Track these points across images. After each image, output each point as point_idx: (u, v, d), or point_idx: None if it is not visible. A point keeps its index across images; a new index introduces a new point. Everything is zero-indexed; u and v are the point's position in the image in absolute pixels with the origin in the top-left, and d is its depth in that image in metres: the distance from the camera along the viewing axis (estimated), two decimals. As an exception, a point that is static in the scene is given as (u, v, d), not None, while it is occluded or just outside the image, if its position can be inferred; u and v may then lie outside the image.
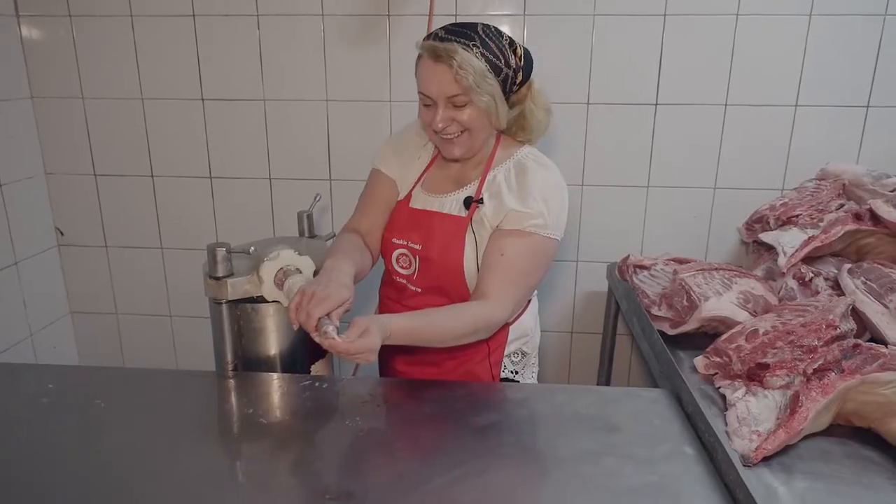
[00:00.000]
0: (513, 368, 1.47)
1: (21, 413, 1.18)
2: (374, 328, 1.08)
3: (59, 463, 1.04)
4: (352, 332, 1.07)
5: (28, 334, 2.20)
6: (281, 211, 2.18)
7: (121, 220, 2.26)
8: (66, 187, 2.24)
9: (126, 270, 2.32)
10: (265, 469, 1.02)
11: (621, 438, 1.12)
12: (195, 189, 2.20)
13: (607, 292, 2.09)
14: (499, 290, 1.26)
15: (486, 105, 1.24)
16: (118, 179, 2.21)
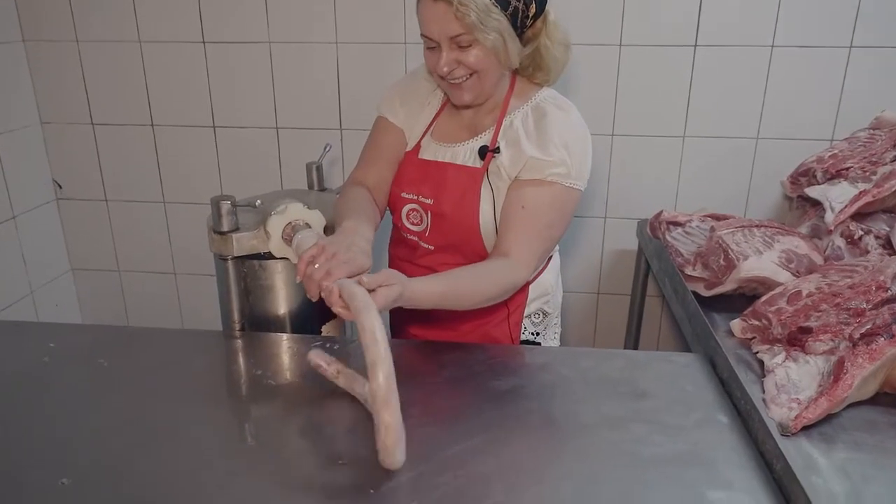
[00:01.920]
0: (534, 330, 1.47)
1: (22, 372, 1.21)
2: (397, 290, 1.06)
3: (61, 424, 1.06)
4: (379, 277, 1.05)
5: (28, 291, 2.24)
6: (288, 162, 2.17)
7: (120, 172, 2.27)
8: (63, 137, 2.24)
9: (127, 226, 2.33)
10: (275, 433, 1.03)
11: (651, 404, 1.12)
12: (198, 139, 2.19)
13: (637, 251, 2.07)
14: (521, 246, 1.25)
15: (494, 43, 1.20)
16: (117, 129, 2.21)
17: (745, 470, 0.97)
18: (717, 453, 1.00)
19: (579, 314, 2.25)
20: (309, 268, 1.08)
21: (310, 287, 1.06)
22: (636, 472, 0.96)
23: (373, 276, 1.06)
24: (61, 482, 0.92)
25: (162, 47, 2.10)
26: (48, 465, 0.96)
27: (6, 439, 1.03)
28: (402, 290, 1.07)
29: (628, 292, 2.18)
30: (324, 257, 1.08)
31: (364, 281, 1.04)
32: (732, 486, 0.94)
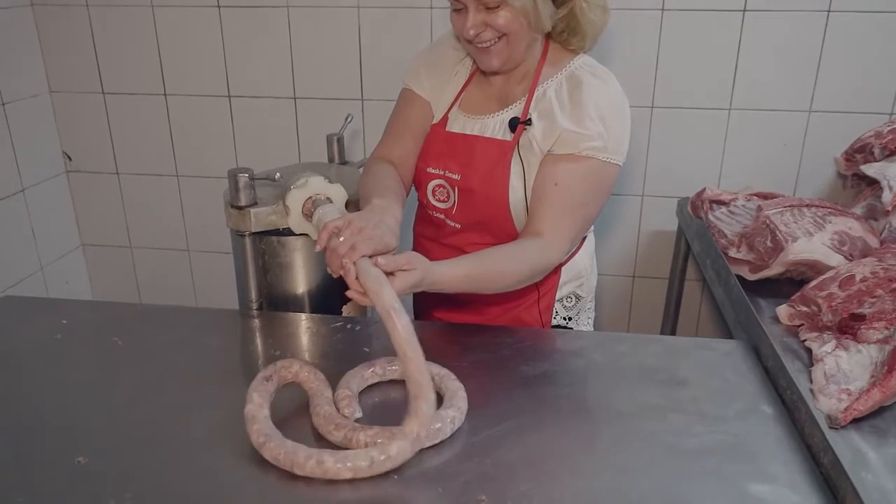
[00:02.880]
0: (565, 314, 1.47)
1: (35, 349, 1.24)
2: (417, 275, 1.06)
3: (76, 403, 1.09)
4: (399, 259, 1.05)
5: (38, 267, 2.29)
6: (307, 134, 2.19)
7: (132, 144, 2.30)
8: (73, 107, 2.27)
9: (139, 200, 2.37)
10: (293, 415, 1.05)
11: (690, 393, 1.12)
12: (212, 109, 2.21)
13: (676, 231, 2.06)
14: (554, 225, 1.25)
15: (523, 4, 1.19)
16: (128, 98, 2.24)
17: (789, 464, 0.97)
18: (759, 446, 1.00)
19: (613, 298, 2.25)
20: (332, 240, 1.08)
21: (332, 261, 1.06)
22: (673, 465, 0.96)
23: (391, 257, 1.06)
24: (77, 461, 0.95)
25: (175, 12, 2.11)
26: (64, 444, 0.99)
27: (21, 417, 1.06)
28: (423, 276, 1.07)
29: (666, 275, 2.17)
30: (349, 231, 1.08)
31: (381, 263, 1.04)
32: (776, 480, 0.94)
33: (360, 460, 0.91)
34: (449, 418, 1.00)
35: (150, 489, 0.90)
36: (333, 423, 0.98)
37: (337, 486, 0.91)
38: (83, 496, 0.89)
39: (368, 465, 0.91)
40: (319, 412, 1.01)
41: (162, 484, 0.92)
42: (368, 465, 0.91)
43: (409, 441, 0.92)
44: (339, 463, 0.91)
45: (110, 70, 2.21)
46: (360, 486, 0.91)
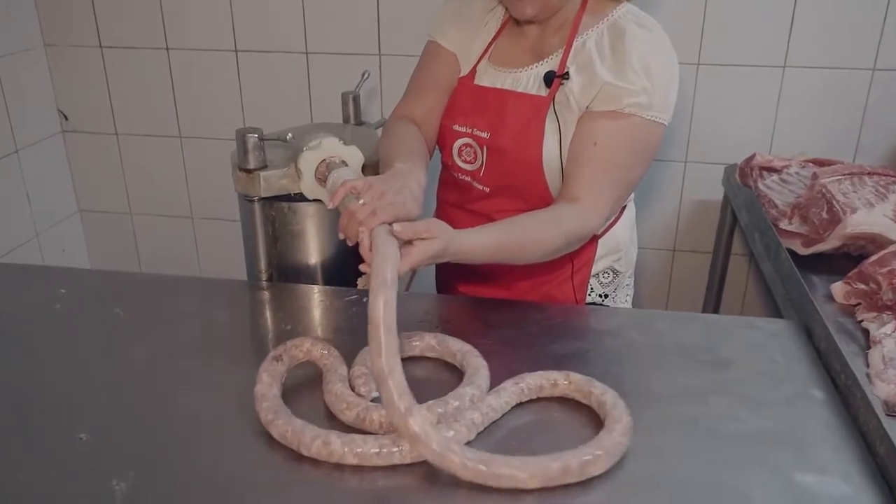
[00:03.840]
0: (601, 291, 1.47)
1: (33, 320, 1.26)
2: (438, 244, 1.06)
3: (77, 376, 1.12)
4: (418, 226, 1.05)
5: (34, 234, 2.32)
6: (320, 92, 2.19)
7: (132, 102, 2.31)
8: (69, 62, 2.29)
9: (139, 163, 2.39)
10: (306, 394, 1.07)
11: (734, 376, 1.12)
12: (217, 65, 2.21)
13: (722, 201, 2.05)
14: (592, 189, 1.24)
15: None
16: (127, 53, 2.25)
17: (841, 452, 0.97)
18: (809, 433, 1.00)
19: (650, 272, 2.24)
20: (350, 202, 1.08)
21: (350, 227, 1.06)
22: (714, 451, 0.96)
23: (409, 224, 1.05)
24: (79, 437, 0.97)
25: (178, -42, 2.11)
26: (65, 420, 1.01)
27: (21, 391, 1.09)
28: (445, 245, 1.06)
29: (709, 249, 2.16)
30: (370, 195, 1.08)
31: (396, 230, 1.03)
32: (826, 469, 0.94)
33: (370, 447, 0.92)
34: (468, 396, 1.01)
35: (155, 468, 0.92)
36: (345, 401, 1.00)
37: (343, 471, 0.92)
38: (85, 474, 0.92)
39: (377, 453, 0.92)
40: (331, 389, 1.02)
41: (166, 463, 0.94)
42: (377, 453, 0.92)
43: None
44: (347, 447, 0.92)
45: (108, 22, 2.22)
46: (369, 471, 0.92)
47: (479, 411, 0.98)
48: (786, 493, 0.90)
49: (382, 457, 0.92)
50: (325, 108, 2.19)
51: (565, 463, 0.88)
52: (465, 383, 1.04)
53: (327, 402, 1.02)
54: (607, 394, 1.01)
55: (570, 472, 0.88)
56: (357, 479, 0.91)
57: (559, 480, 0.88)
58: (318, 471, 0.92)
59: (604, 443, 0.91)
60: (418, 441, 0.88)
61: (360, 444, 0.92)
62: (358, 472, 0.91)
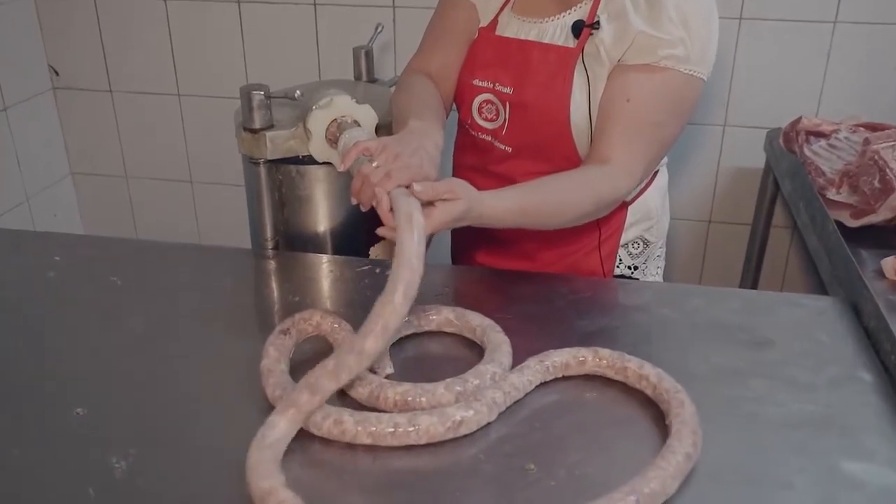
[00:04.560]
0: (631, 263, 1.47)
1: (25, 288, 1.28)
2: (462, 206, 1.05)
3: (73, 348, 1.13)
4: (439, 186, 1.05)
5: (24, 198, 2.34)
6: (330, 47, 2.18)
7: (127, 56, 2.31)
8: (59, 12, 2.29)
9: (135, 122, 2.40)
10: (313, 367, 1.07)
11: (775, 356, 1.11)
12: (218, 16, 2.20)
13: (764, 168, 2.03)
14: (624, 149, 1.23)
15: None
16: (122, 2, 2.24)
17: (890, 438, 0.97)
18: (856, 418, 1.00)
19: (683, 246, 2.23)
20: (363, 165, 1.07)
21: (363, 191, 1.07)
22: (753, 436, 0.96)
23: (430, 184, 1.05)
24: (76, 412, 0.98)
25: None
26: (60, 394, 1.02)
27: (14, 363, 1.10)
28: (469, 206, 1.06)
29: (748, 220, 2.15)
30: (384, 156, 1.08)
31: (416, 190, 1.03)
32: (874, 457, 0.94)
33: (384, 426, 0.92)
34: (489, 374, 1.01)
35: (156, 446, 0.94)
36: (357, 378, 1.00)
37: (356, 451, 0.93)
38: (83, 451, 0.93)
39: (392, 433, 0.92)
40: None
41: (168, 441, 0.95)
42: (392, 433, 0.92)
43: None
44: (360, 426, 0.92)
45: (101, -32, 2.21)
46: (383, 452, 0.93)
47: (501, 390, 0.98)
48: (830, 481, 0.90)
49: (397, 437, 0.92)
50: (334, 64, 2.18)
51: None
52: (485, 360, 1.04)
53: None
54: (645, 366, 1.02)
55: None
56: (370, 459, 0.92)
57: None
58: (329, 451, 0.93)
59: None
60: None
61: (373, 423, 0.92)
62: (371, 453, 0.92)
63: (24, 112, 2.30)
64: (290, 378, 1.00)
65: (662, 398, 0.98)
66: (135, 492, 0.86)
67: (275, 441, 0.89)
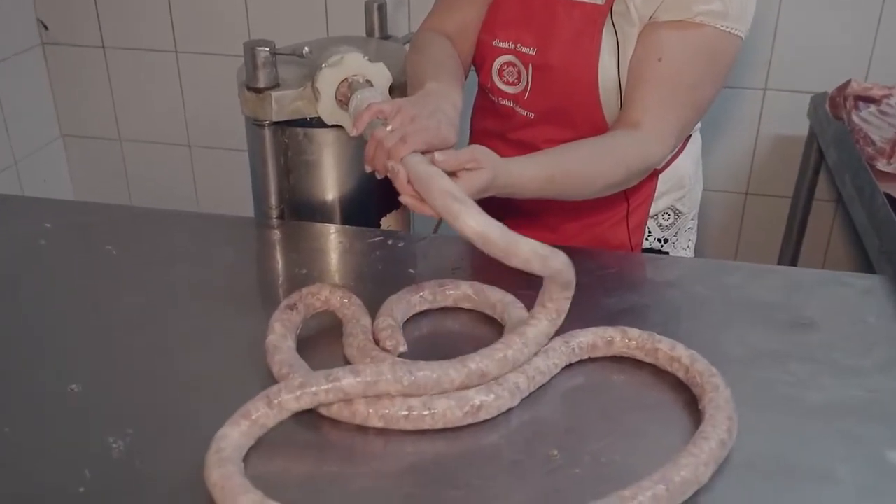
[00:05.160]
0: (661, 235, 1.47)
1: (15, 257, 1.28)
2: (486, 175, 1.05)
3: (67, 321, 1.14)
4: (461, 155, 1.04)
5: (12, 162, 2.35)
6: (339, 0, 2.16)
7: (121, 10, 2.30)
8: (49, -39, 2.28)
9: (130, 81, 2.40)
10: (324, 347, 1.08)
11: (818, 338, 1.11)
12: (220, -33, 2.19)
13: (807, 136, 2.02)
14: (656, 113, 1.23)
15: None
16: (116, -49, 2.23)
17: (942, 429, 0.96)
18: (904, 405, 1.00)
19: (718, 219, 2.23)
20: (377, 128, 1.07)
21: (377, 157, 1.06)
22: (793, 423, 0.96)
23: (452, 152, 1.05)
24: (70, 388, 0.99)
25: None
26: (55, 370, 1.03)
27: (4, 337, 1.11)
28: (493, 175, 1.06)
29: (789, 193, 2.14)
30: (399, 119, 1.08)
31: (438, 159, 1.03)
32: (923, 447, 0.93)
33: (397, 409, 0.92)
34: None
35: (155, 425, 0.94)
36: (369, 356, 1.00)
37: (367, 435, 0.93)
38: (78, 430, 0.94)
39: (405, 416, 0.92)
40: (353, 343, 1.03)
41: (168, 421, 0.95)
42: (405, 416, 0.92)
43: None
44: (371, 408, 0.92)
45: (93, -86, 2.20)
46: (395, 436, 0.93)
47: (525, 374, 0.98)
48: (875, 471, 0.90)
49: (411, 420, 0.92)
50: (344, 19, 2.17)
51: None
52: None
53: (348, 356, 1.03)
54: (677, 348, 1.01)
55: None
56: (381, 443, 0.92)
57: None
58: (338, 433, 0.93)
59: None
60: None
61: (386, 406, 0.92)
62: (383, 436, 0.92)
63: (10, 69, 2.30)
64: (298, 355, 1.01)
65: (695, 382, 0.98)
66: (133, 473, 0.87)
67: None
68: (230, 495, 0.80)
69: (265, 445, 0.90)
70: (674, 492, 0.82)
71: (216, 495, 0.81)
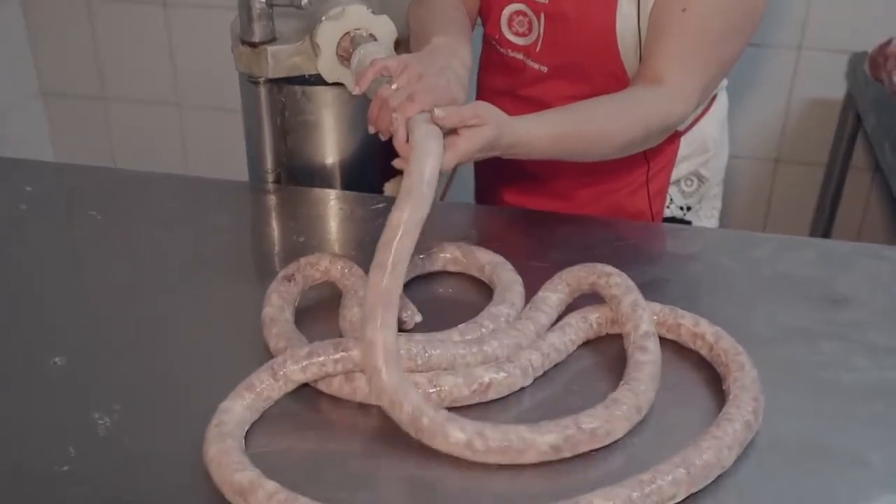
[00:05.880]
0: (683, 202, 1.47)
1: (-8, 222, 1.29)
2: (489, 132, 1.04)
3: (49, 292, 1.14)
4: (464, 111, 1.04)
5: (-13, 121, 2.35)
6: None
7: (105, -44, 2.29)
8: None
9: (115, 35, 2.38)
10: (322, 318, 1.08)
11: (851, 316, 1.11)
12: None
13: (843, 100, 2.02)
14: (680, 68, 1.22)
15: None
16: None
17: (983, 414, 0.97)
18: (943, 387, 1.00)
19: (745, 188, 2.23)
20: (382, 86, 1.07)
21: (382, 117, 1.06)
22: (825, 405, 0.96)
23: (453, 108, 1.03)
24: (53, 361, 1.00)
25: None
26: (36, 342, 1.04)
27: (-20, 305, 1.12)
28: (497, 132, 1.05)
29: (823, 161, 2.14)
30: (406, 76, 1.07)
31: (438, 115, 1.01)
32: (963, 432, 0.94)
33: None
34: (503, 317, 1.02)
35: (143, 401, 0.95)
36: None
37: (368, 412, 0.94)
38: (61, 405, 0.94)
39: None
40: (346, 315, 1.03)
41: (157, 395, 0.96)
42: None
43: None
44: None
45: None
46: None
47: (540, 351, 0.98)
48: (913, 458, 0.90)
49: None
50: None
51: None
52: (495, 302, 1.05)
53: (341, 329, 1.04)
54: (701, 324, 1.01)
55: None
56: (381, 421, 0.92)
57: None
58: (338, 410, 0.94)
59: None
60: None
61: None
62: (385, 415, 0.93)
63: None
64: (296, 329, 1.01)
65: (720, 360, 0.98)
66: (120, 451, 0.88)
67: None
68: (226, 472, 0.81)
69: (264, 423, 0.91)
70: (695, 475, 0.82)
71: (212, 471, 0.82)
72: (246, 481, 0.79)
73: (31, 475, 0.85)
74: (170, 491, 0.84)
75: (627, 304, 1.01)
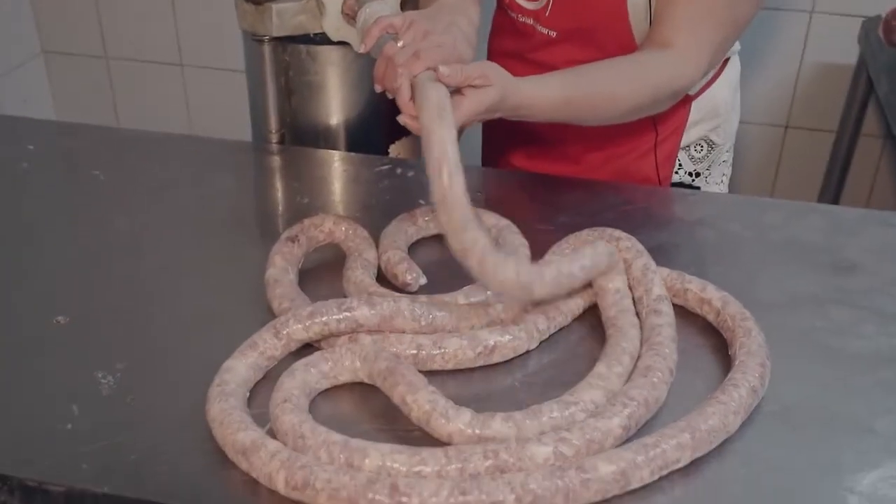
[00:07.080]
0: (692, 168, 1.46)
1: (-7, 180, 1.29)
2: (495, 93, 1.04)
3: (51, 251, 1.14)
4: (469, 69, 1.02)
5: (-11, 80, 2.34)
6: None
7: (107, -88, 2.27)
8: None
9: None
10: (326, 280, 1.08)
11: (860, 282, 1.11)
12: None
13: (856, 65, 2.00)
14: (689, 31, 1.21)
15: None
16: None
17: None
18: (953, 354, 1.00)
19: (755, 153, 2.23)
20: (387, 44, 1.06)
21: (388, 76, 1.05)
22: (833, 373, 0.96)
23: (458, 66, 1.02)
24: (56, 320, 1.00)
25: None
26: (39, 302, 1.04)
27: (-18, 264, 1.12)
28: (502, 94, 1.05)
29: (833, 127, 2.13)
30: (411, 34, 1.07)
31: (443, 73, 1.00)
32: (971, 400, 0.94)
33: (405, 347, 0.93)
34: None
35: (146, 361, 0.95)
36: (366, 292, 1.01)
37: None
38: (64, 364, 0.95)
39: (414, 355, 0.93)
40: (350, 278, 1.03)
41: (160, 355, 0.97)
42: (414, 355, 0.93)
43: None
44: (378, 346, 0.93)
45: None
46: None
47: (545, 315, 0.98)
48: (919, 426, 0.90)
49: (420, 360, 0.93)
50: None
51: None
52: None
53: (346, 290, 1.03)
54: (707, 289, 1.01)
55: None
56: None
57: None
58: (341, 374, 0.94)
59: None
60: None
61: (393, 344, 0.93)
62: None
63: (-14, -23, 2.28)
64: (300, 290, 1.01)
65: (726, 325, 0.98)
66: (124, 410, 0.88)
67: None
68: (229, 431, 0.81)
69: (267, 384, 0.91)
70: (700, 440, 0.82)
71: (215, 430, 0.82)
72: (248, 441, 0.79)
73: (35, 434, 0.86)
74: (172, 450, 0.84)
75: (638, 267, 1.01)
